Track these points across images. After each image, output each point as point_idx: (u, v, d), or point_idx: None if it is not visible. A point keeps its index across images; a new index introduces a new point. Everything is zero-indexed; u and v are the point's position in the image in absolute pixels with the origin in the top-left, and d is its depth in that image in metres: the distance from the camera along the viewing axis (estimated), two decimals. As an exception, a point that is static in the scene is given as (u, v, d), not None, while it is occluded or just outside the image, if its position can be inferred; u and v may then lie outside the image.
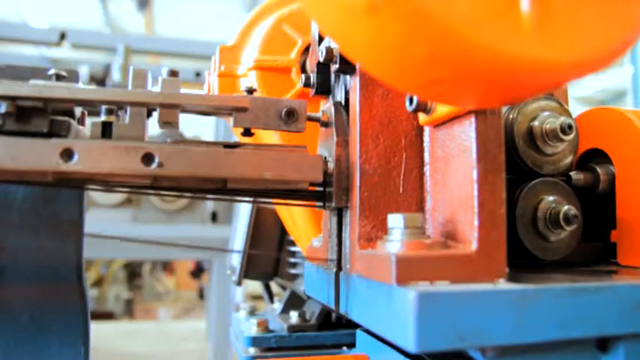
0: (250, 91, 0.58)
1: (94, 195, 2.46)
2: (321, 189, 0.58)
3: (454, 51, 0.32)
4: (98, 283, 5.31)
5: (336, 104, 0.59)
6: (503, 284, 0.42)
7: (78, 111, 0.55)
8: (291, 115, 0.57)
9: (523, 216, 0.57)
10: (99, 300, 5.21)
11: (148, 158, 0.49)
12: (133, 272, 5.81)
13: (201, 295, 5.40)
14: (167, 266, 6.26)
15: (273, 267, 0.93)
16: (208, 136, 3.01)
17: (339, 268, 0.56)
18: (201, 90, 0.88)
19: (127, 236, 2.48)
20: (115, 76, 2.82)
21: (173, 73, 0.56)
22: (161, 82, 0.55)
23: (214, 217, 2.60)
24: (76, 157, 0.48)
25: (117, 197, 2.54)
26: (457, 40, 0.31)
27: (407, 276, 0.40)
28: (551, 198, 0.58)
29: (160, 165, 0.49)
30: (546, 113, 0.60)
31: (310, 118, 0.59)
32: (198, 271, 5.26)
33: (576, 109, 0.67)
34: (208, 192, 0.56)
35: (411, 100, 0.49)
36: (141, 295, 5.77)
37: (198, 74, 3.03)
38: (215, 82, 0.83)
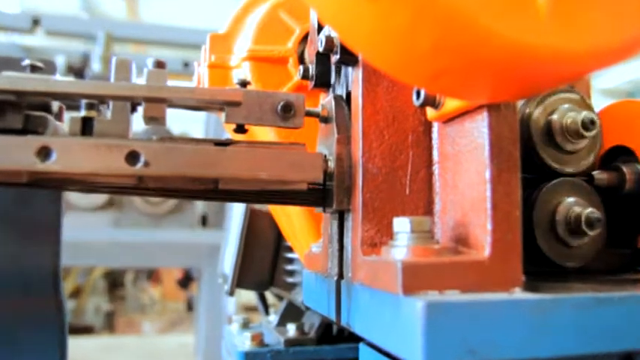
0: (244, 83, 0.59)
1: (73, 197, 2.47)
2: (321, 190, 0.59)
3: (463, 39, 0.32)
4: (76, 293, 5.31)
5: (337, 98, 0.59)
6: (518, 293, 0.42)
7: (55, 105, 0.56)
8: (288, 109, 0.57)
9: (541, 219, 0.58)
10: (77, 312, 5.21)
11: (132, 157, 0.49)
12: (114, 282, 5.81)
13: (189, 306, 5.40)
14: (152, 275, 6.26)
15: (268, 275, 0.93)
16: (198, 133, 3.02)
17: (341, 276, 0.57)
18: (190, 82, 0.88)
19: (108, 241, 2.49)
20: (95, 66, 2.82)
21: (159, 64, 0.56)
22: (146, 73, 0.56)
23: (204, 220, 2.61)
24: (54, 156, 0.48)
25: (97, 199, 2.55)
26: (466, 28, 0.32)
27: (414, 284, 0.41)
28: (571, 200, 0.58)
29: (146, 164, 0.50)
30: (566, 107, 0.60)
31: (309, 113, 0.60)
32: (186, 280, 5.26)
33: (600, 102, 0.67)
34: (198, 193, 0.57)
35: (419, 94, 0.50)
36: (123, 306, 5.77)
37: (186, 65, 3.04)
38: (205, 74, 0.84)
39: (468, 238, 0.46)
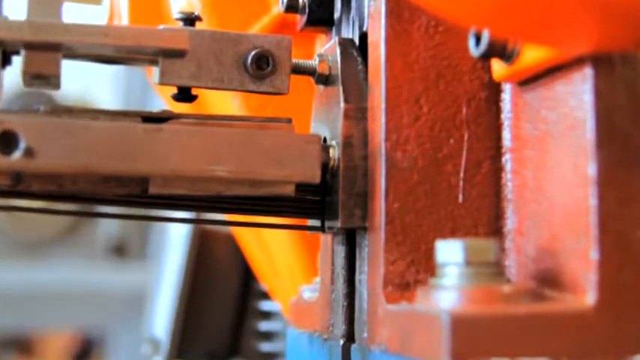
0: (190, 19, 0.60)
1: None
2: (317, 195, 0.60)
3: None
4: None
5: (345, 44, 0.61)
6: (643, 365, 0.44)
7: None
8: (263, 62, 0.58)
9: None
10: None
11: (6, 141, 0.50)
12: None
13: (90, 397, 5.39)
14: (23, 344, 6.24)
15: (229, 339, 0.94)
16: (110, 101, 3.01)
17: (351, 337, 0.58)
18: (98, 16, 0.89)
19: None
20: None
21: (50, -13, 0.57)
22: (28, 1, 0.57)
23: (119, 249, 2.61)
24: None
25: None
26: None
27: (470, 349, 0.42)
28: None
29: (29, 153, 0.50)
30: None
31: (298, 69, 0.61)
32: (84, 351, 5.25)
33: None
34: (114, 202, 0.58)
35: (478, 39, 0.51)
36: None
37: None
38: (124, 2, 0.84)
39: (559, 274, 0.47)
